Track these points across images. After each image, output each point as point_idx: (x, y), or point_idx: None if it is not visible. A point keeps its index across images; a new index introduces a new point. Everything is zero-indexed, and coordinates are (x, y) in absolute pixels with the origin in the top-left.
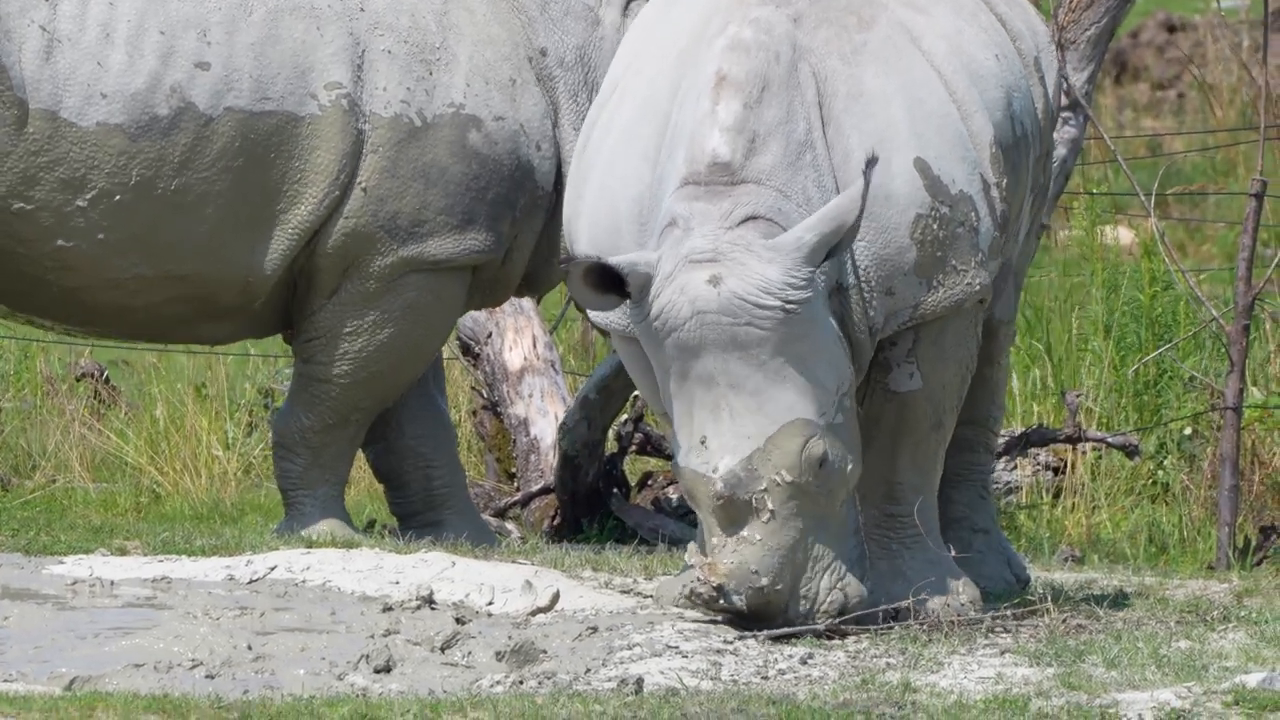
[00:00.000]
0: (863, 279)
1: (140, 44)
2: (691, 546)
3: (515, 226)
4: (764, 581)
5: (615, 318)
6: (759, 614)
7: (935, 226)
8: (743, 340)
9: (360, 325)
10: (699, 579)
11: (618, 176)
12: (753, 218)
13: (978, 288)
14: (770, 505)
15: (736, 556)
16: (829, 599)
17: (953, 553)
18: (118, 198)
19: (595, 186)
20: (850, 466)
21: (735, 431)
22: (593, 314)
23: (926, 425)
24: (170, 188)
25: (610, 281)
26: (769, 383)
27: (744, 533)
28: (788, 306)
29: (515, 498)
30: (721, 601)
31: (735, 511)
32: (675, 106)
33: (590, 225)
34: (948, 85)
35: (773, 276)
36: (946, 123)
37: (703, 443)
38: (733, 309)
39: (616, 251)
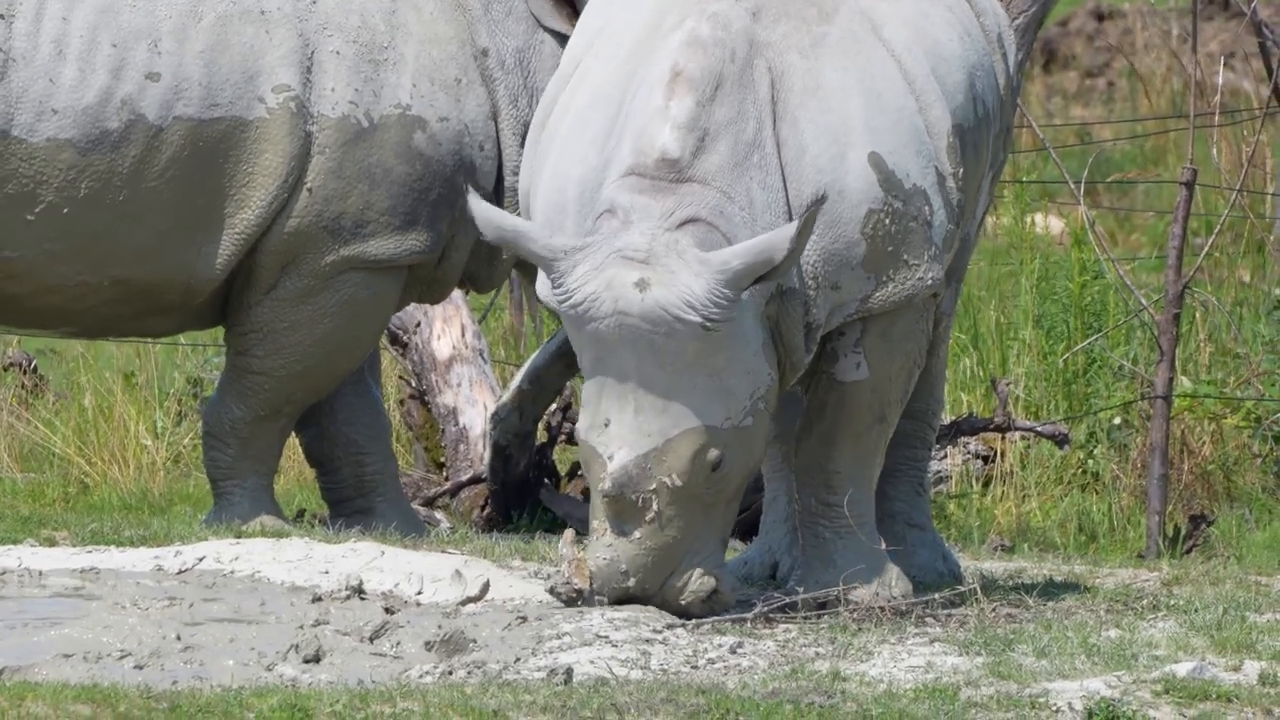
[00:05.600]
0: (809, 275)
1: (92, 58)
2: (567, 534)
3: (453, 226)
4: (631, 582)
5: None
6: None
7: (887, 221)
8: (659, 347)
9: (297, 320)
10: (563, 579)
11: (569, 158)
12: (693, 220)
13: (929, 282)
14: (656, 506)
15: (610, 553)
16: (699, 583)
17: (884, 545)
18: (65, 210)
19: (550, 165)
20: (746, 467)
21: (637, 426)
22: (540, 293)
23: (870, 417)
24: (119, 199)
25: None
26: (678, 388)
27: (625, 529)
28: (708, 324)
29: (444, 487)
30: (580, 603)
31: (621, 508)
32: (629, 97)
33: (544, 203)
34: (907, 76)
35: (698, 291)
36: (903, 116)
37: (605, 424)
38: (654, 318)
39: (562, 229)
